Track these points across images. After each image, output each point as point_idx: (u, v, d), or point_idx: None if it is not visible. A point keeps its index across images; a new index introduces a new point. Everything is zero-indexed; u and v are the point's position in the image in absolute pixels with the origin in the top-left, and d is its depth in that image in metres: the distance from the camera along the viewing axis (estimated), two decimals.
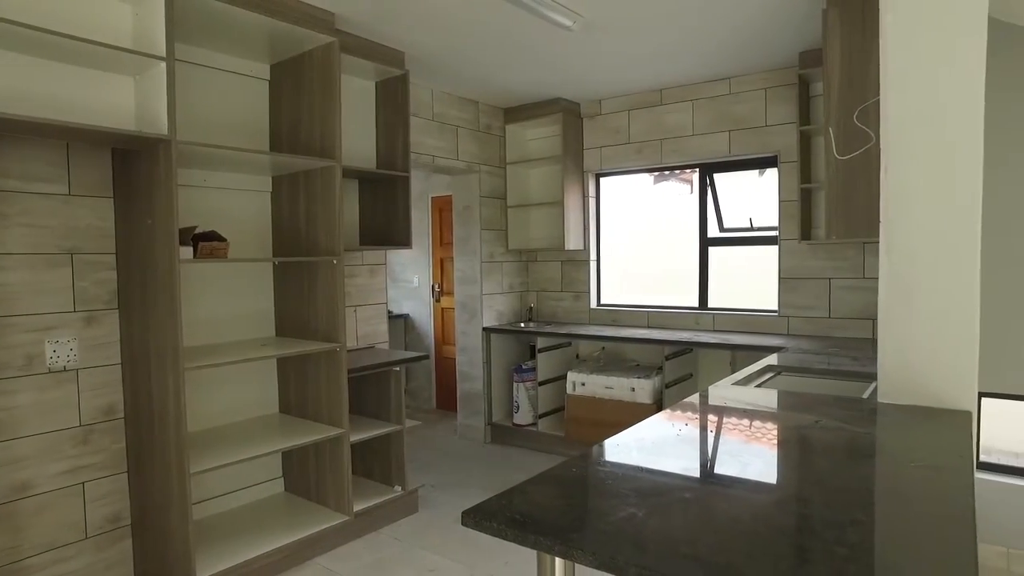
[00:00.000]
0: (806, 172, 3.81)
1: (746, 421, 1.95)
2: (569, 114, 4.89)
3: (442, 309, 6.07)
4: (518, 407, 4.90)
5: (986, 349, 2.89)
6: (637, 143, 4.75)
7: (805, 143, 3.83)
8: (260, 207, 3.33)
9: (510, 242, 5.11)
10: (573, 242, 4.89)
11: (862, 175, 2.63)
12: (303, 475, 3.39)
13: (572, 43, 3.64)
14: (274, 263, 3.35)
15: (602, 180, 5.15)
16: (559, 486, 1.40)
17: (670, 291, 4.95)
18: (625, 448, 1.65)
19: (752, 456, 1.61)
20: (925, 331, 1.99)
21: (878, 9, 2.07)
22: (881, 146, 2.06)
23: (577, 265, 5.12)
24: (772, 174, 4.26)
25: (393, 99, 3.76)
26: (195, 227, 2.80)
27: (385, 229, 3.78)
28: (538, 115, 4.93)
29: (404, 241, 3.70)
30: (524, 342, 5.18)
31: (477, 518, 1.21)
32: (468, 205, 5.02)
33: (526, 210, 5.19)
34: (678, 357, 4.22)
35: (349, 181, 3.76)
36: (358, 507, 3.28)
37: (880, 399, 2.09)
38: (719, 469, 1.52)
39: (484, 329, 4.96)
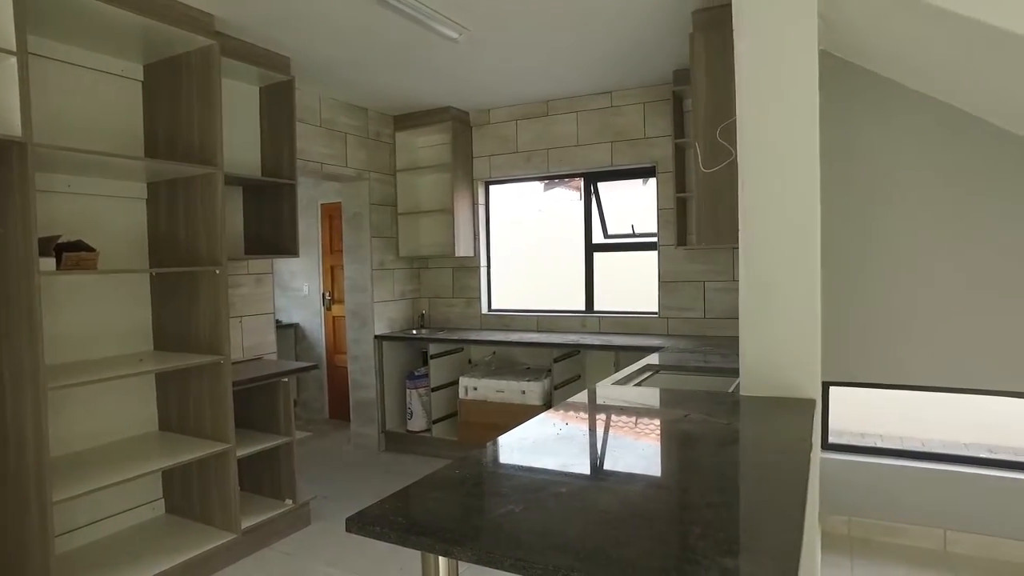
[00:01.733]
0: (681, 182, 4.09)
1: (622, 418, 2.09)
2: (459, 123, 4.96)
3: (333, 317, 5.97)
4: (412, 414, 4.91)
5: (833, 344, 3.24)
6: (525, 152, 4.90)
7: (680, 155, 4.11)
8: (135, 215, 3.16)
9: (401, 249, 5.11)
10: (463, 249, 4.96)
11: (726, 186, 2.88)
12: (186, 494, 3.25)
13: (460, 55, 3.72)
14: (151, 274, 3.19)
15: (492, 188, 5.27)
16: (442, 488, 1.46)
17: (559, 295, 5.13)
18: (507, 448, 1.73)
19: (625, 450, 1.75)
20: (779, 329, 2.22)
21: None
22: (738, 161, 2.28)
23: (468, 271, 5.20)
24: (653, 183, 4.54)
25: (278, 105, 3.68)
26: (59, 236, 2.62)
27: (271, 237, 3.69)
28: (428, 123, 4.98)
29: (291, 249, 3.63)
30: (416, 349, 5.20)
31: (361, 524, 1.24)
32: (358, 212, 4.98)
33: (416, 217, 5.21)
34: (566, 359, 4.39)
35: (233, 188, 3.64)
36: (246, 523, 3.18)
37: (742, 392, 2.30)
38: (593, 463, 1.64)
39: (376, 337, 4.93)
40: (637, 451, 1.76)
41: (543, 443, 1.77)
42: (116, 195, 3.06)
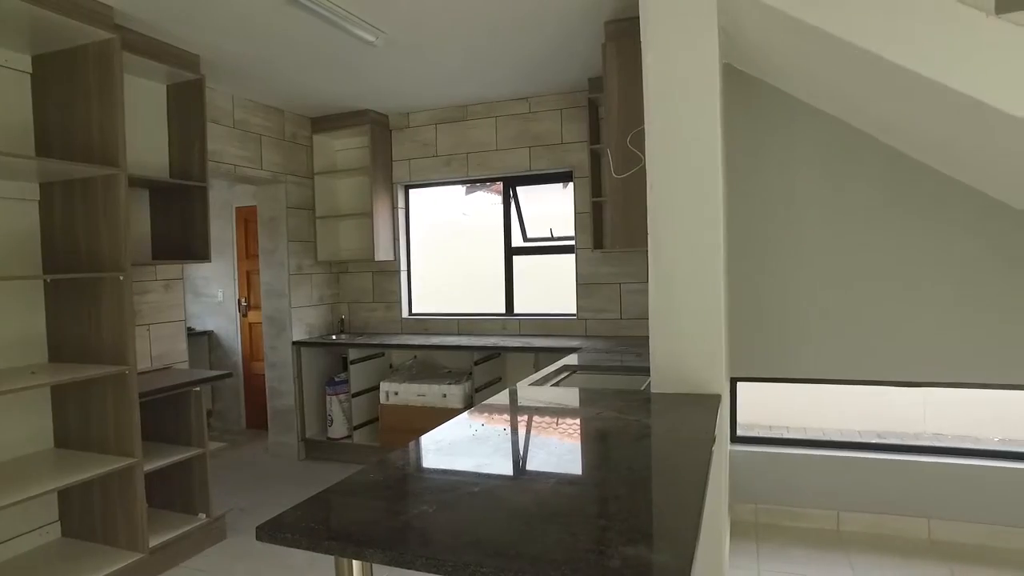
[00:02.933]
0: (597, 187, 4.20)
1: (537, 418, 2.14)
2: (378, 126, 4.92)
3: (249, 324, 5.78)
4: (332, 420, 4.82)
5: (740, 341, 3.42)
6: (445, 156, 4.91)
7: (595, 160, 4.23)
8: (25, 218, 2.97)
9: (319, 253, 5.02)
10: (383, 253, 4.93)
11: (637, 192, 2.98)
12: (86, 515, 3.07)
13: (377, 57, 3.70)
14: (45, 281, 3.01)
15: (411, 191, 5.25)
16: (356, 492, 1.46)
17: (480, 299, 5.17)
18: (423, 451, 1.75)
19: (539, 448, 1.79)
20: (685, 329, 2.33)
21: None
22: (647, 168, 2.38)
23: (388, 275, 5.16)
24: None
25: (187, 104, 3.55)
26: None
27: (181, 242, 3.55)
28: (346, 126, 4.91)
29: (203, 254, 3.50)
30: (336, 354, 5.11)
31: (272, 532, 1.23)
32: (274, 216, 4.85)
33: (335, 221, 5.13)
34: (487, 362, 4.43)
35: (138, 190, 3.48)
36: (155, 541, 3.04)
37: (653, 390, 2.40)
38: (506, 462, 1.67)
39: (294, 343, 4.81)
40: (550, 449, 1.81)
41: (459, 444, 1.80)
42: (1, 196, 2.86)
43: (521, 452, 1.76)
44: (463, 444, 1.80)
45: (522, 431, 2.00)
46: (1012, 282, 3.07)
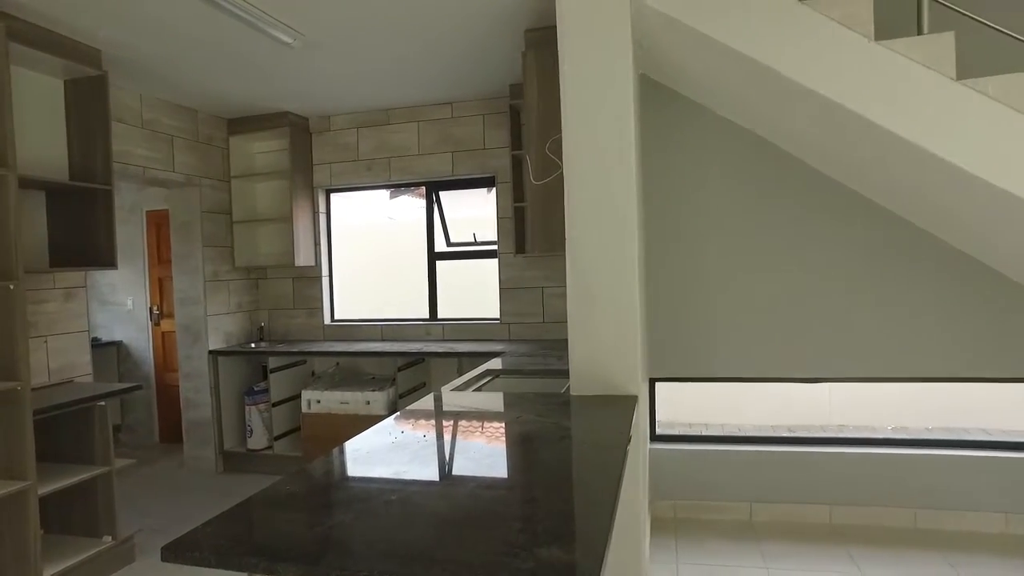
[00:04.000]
0: (519, 192, 4.25)
1: (458, 423, 2.15)
2: (297, 129, 4.81)
3: (162, 333, 5.52)
4: (251, 431, 4.67)
5: (659, 343, 3.53)
6: (366, 160, 4.85)
7: (517, 166, 4.28)
8: None
9: (237, 259, 4.85)
10: (304, 258, 4.82)
11: (556, 198, 3.04)
12: None
13: (296, 59, 3.62)
14: None
15: (333, 196, 5.16)
16: (270, 506, 1.43)
17: (405, 304, 5.12)
18: (341, 460, 1.73)
19: (457, 453, 1.80)
20: (602, 332, 2.40)
21: None
22: (564, 174, 2.44)
23: (309, 281, 5.04)
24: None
25: (88, 102, 3.36)
26: None
27: (84, 247, 3.35)
28: (265, 128, 4.77)
29: (107, 261, 3.33)
30: (256, 363, 4.95)
31: (178, 551, 1.19)
32: (188, 220, 4.65)
33: (253, 226, 4.97)
34: (411, 368, 4.40)
35: (33, 193, 3.27)
36: (51, 570, 2.85)
37: (572, 392, 2.45)
38: (425, 468, 1.67)
39: (211, 352, 4.63)
40: (470, 454, 1.83)
41: (378, 452, 1.79)
42: None
43: (440, 458, 1.77)
44: (382, 452, 1.79)
45: (440, 437, 2.00)
46: (902, 284, 3.30)
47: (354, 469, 1.67)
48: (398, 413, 2.25)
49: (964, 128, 2.20)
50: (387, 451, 1.79)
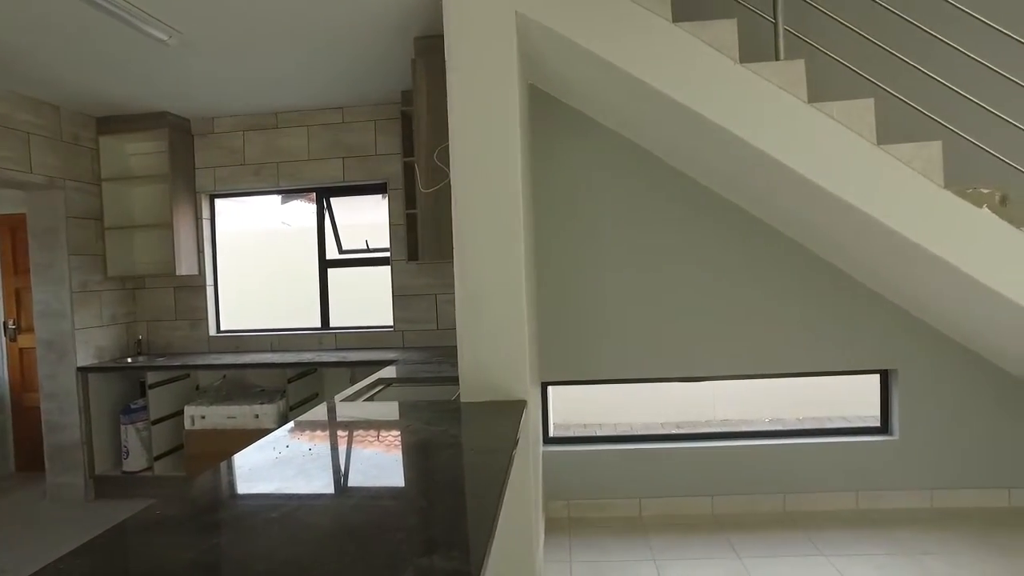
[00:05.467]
0: (410, 199, 4.22)
1: (344, 434, 2.12)
2: (177, 130, 4.56)
3: (20, 350, 5.05)
4: (128, 452, 4.36)
5: (553, 347, 3.62)
6: (254, 165, 4.67)
7: (409, 173, 4.25)
8: None
9: (110, 268, 4.52)
10: (186, 267, 4.57)
11: (447, 205, 3.06)
12: None
13: (173, 57, 3.43)
14: None
15: (218, 201, 4.92)
16: (139, 532, 1.36)
17: (297, 313, 4.97)
18: (221, 479, 1.66)
19: (343, 466, 1.78)
20: (490, 338, 2.43)
21: None
22: (452, 183, 2.46)
23: (193, 291, 4.79)
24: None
25: None
26: None
27: None
28: (140, 128, 4.49)
29: None
30: (133, 379, 4.64)
31: None
32: (51, 226, 4.29)
33: (129, 232, 4.66)
34: (302, 378, 4.28)
35: None
36: None
37: (462, 399, 2.47)
38: (310, 483, 1.64)
39: (79, 369, 4.29)
40: (355, 466, 1.80)
41: (261, 468, 1.73)
42: None
43: (324, 471, 1.73)
44: (265, 468, 1.74)
45: (327, 450, 1.96)
46: (774, 288, 3.57)
47: (234, 487, 1.61)
48: (282, 427, 2.19)
49: (813, 145, 2.42)
50: (270, 467, 1.74)
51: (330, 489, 1.60)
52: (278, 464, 1.77)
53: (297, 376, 4.21)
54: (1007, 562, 2.98)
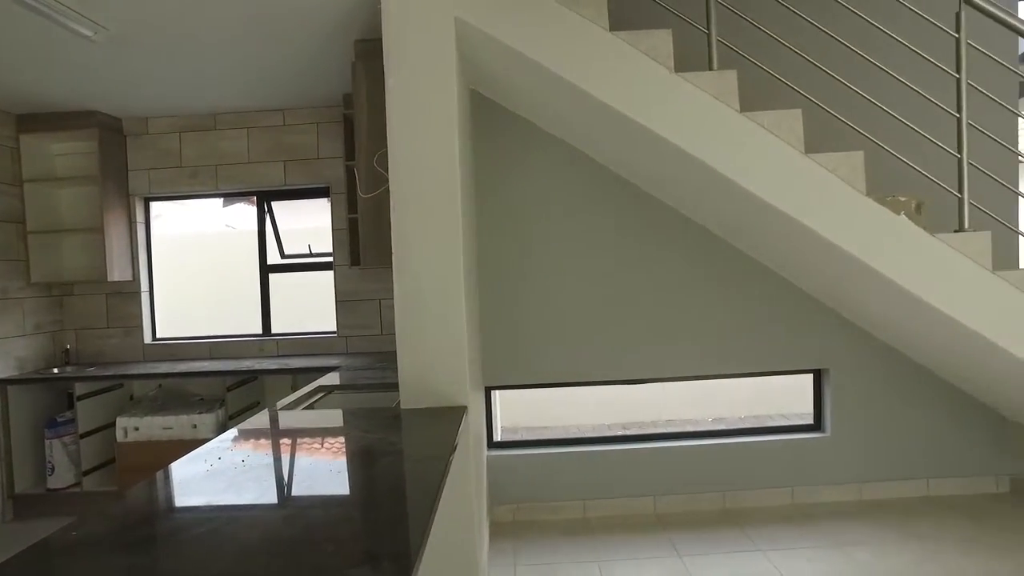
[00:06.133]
0: (353, 203, 4.16)
1: (280, 444, 2.07)
2: (108, 130, 4.38)
3: None
4: (53, 468, 4.16)
5: (497, 352, 3.62)
6: (191, 167, 4.53)
7: (351, 177, 4.19)
8: None
9: (33, 274, 4.30)
10: (119, 272, 4.39)
11: (387, 211, 3.04)
12: None
13: (101, 55, 3.30)
14: None
15: (154, 204, 4.76)
16: (50, 556, 1.29)
17: (238, 319, 4.84)
18: (147, 495, 1.60)
19: (276, 477, 1.74)
20: (430, 345, 2.42)
21: None
22: (390, 188, 2.44)
23: (126, 298, 4.60)
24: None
25: None
26: None
27: None
28: (66, 127, 4.29)
29: None
30: (59, 390, 4.43)
31: None
32: None
33: (56, 236, 4.45)
34: (243, 386, 4.17)
35: None
36: None
37: (403, 406, 2.45)
38: (241, 495, 1.60)
39: None
40: (289, 476, 1.77)
41: (191, 481, 1.68)
42: None
43: (256, 483, 1.69)
44: (196, 480, 1.69)
45: (261, 460, 1.92)
46: (713, 293, 3.67)
47: (162, 503, 1.56)
48: (214, 439, 2.12)
49: (744, 153, 2.49)
50: (201, 480, 1.69)
51: (262, 501, 1.56)
52: (209, 476, 1.72)
53: (237, 384, 4.10)
54: (923, 548, 3.15)
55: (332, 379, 3.36)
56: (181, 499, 1.58)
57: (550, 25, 2.48)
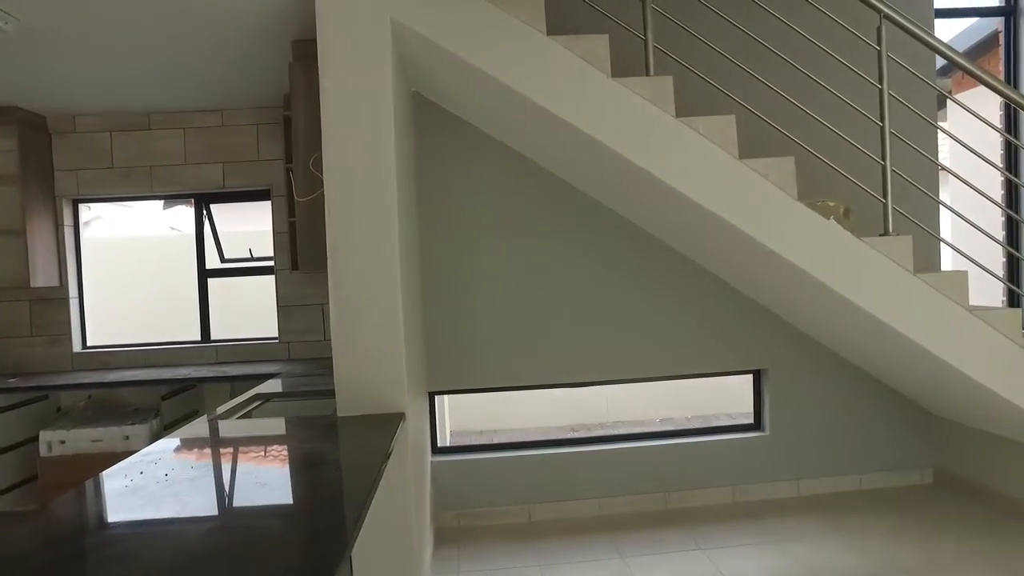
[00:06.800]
0: (293, 206, 4.08)
1: (208, 455, 2.00)
2: (30, 128, 4.17)
3: None
4: None
5: (440, 357, 3.59)
6: (123, 168, 4.35)
7: (291, 179, 4.10)
8: None
9: None
10: (44, 278, 4.18)
11: (324, 215, 2.98)
12: None
13: (18, 48, 3.14)
14: None
15: (94, 206, 4.56)
16: None
17: (177, 325, 4.68)
18: (57, 515, 1.52)
19: (197, 492, 1.66)
20: (367, 350, 2.38)
21: None
22: (325, 191, 2.39)
23: (52, 304, 4.39)
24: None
25: None
26: None
27: None
28: None
29: None
30: None
31: None
32: None
33: None
34: (180, 395, 4.02)
35: None
36: None
37: (339, 413, 2.40)
38: (158, 511, 1.53)
39: None
40: (212, 492, 1.70)
41: (109, 498, 1.60)
42: None
43: (177, 500, 1.62)
44: (114, 497, 1.61)
45: (184, 474, 1.84)
46: (656, 296, 3.71)
47: (75, 523, 1.48)
48: (134, 454, 2.03)
49: (680, 158, 2.53)
50: (119, 496, 1.62)
51: (177, 518, 1.50)
52: (128, 493, 1.64)
53: (172, 393, 3.96)
54: (852, 540, 3.26)
55: (272, 386, 3.28)
56: (96, 517, 1.51)
57: (487, 28, 2.47)
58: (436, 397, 3.87)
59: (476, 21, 2.47)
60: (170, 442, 2.17)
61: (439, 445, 3.85)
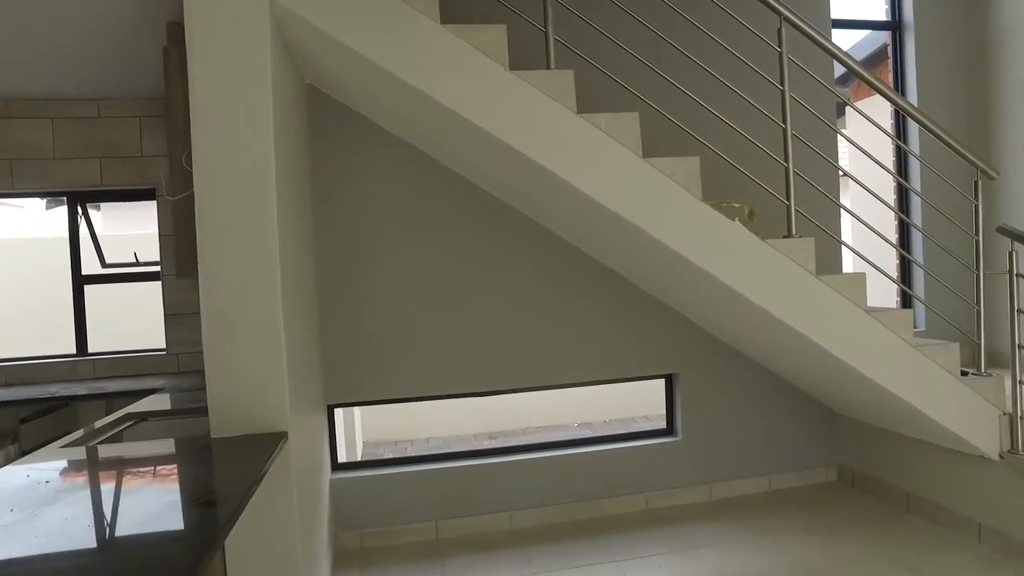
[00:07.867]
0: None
1: (47, 488, 1.72)
2: None
3: None
4: None
5: (338, 368, 3.36)
6: None
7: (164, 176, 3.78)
8: None
9: None
10: None
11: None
12: None
13: None
14: None
15: None
16: None
17: (51, 337, 4.24)
18: None
19: (38, 533, 1.40)
20: (244, 365, 2.15)
21: None
22: (195, 190, 2.14)
23: None
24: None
25: None
26: None
27: None
28: None
29: None
30: None
31: None
32: None
33: None
34: (46, 416, 3.61)
35: None
36: None
37: (213, 435, 2.16)
38: None
39: None
40: (55, 528, 1.43)
41: None
42: None
43: (15, 541, 1.36)
44: None
45: (24, 510, 1.56)
46: (566, 301, 3.61)
47: None
48: None
49: (582, 155, 2.43)
50: None
51: (13, 559, 1.25)
52: None
53: (35, 415, 3.54)
54: (764, 541, 3.27)
55: (152, 403, 2.98)
56: None
57: (375, 14, 2.30)
58: (337, 411, 3.64)
59: (363, 6, 2.29)
60: (7, 472, 1.88)
61: (339, 461, 3.61)
